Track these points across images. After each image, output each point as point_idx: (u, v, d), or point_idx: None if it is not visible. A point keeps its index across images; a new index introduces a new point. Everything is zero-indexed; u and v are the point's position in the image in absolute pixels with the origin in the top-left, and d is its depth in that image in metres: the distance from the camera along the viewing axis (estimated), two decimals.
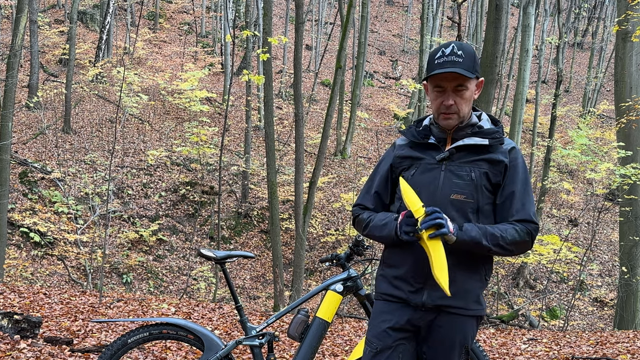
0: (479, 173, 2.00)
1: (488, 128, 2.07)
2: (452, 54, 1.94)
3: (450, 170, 2.02)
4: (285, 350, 4.76)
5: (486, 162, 2.01)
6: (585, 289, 15.39)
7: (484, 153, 2.03)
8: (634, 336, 6.36)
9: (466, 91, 1.97)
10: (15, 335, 4.07)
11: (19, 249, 12.99)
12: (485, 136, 2.03)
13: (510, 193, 2.00)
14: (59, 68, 22.22)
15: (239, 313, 2.86)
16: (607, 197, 14.82)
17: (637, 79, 9.70)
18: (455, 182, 2.00)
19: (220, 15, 26.38)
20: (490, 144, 2.02)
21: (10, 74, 9.66)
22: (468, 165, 2.01)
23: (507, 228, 1.96)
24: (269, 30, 9.27)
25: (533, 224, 1.99)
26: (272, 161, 9.37)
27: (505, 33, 8.11)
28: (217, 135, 18.31)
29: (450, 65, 1.93)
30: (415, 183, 2.03)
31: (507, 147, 2.05)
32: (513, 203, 2.00)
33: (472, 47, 1.99)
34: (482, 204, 2.00)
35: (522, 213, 1.99)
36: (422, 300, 2.01)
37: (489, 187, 2.00)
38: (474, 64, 1.96)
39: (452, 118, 2.01)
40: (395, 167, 2.14)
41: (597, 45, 29.66)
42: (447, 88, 1.97)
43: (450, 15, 32.80)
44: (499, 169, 2.01)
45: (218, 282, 11.85)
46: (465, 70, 1.93)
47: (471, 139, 2.02)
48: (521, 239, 1.96)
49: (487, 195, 2.01)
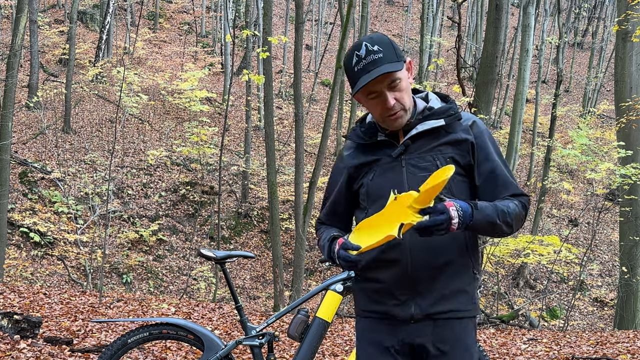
0: (444, 159, 1.76)
1: (439, 107, 1.82)
2: (368, 53, 1.71)
3: (411, 164, 1.78)
4: (285, 350, 4.76)
5: (449, 145, 1.78)
6: (586, 289, 15.39)
7: (443, 135, 1.79)
8: (634, 336, 6.36)
9: (401, 82, 1.74)
10: (15, 335, 4.07)
11: (19, 249, 12.99)
12: (439, 116, 1.79)
13: (490, 171, 1.79)
14: (59, 68, 22.22)
15: (239, 313, 2.85)
16: (607, 197, 14.82)
17: (637, 78, 9.70)
18: (420, 175, 1.74)
19: (220, 15, 26.38)
20: (447, 123, 1.78)
21: (10, 74, 9.66)
22: (429, 153, 1.78)
23: (508, 203, 1.75)
24: (269, 30, 9.26)
25: (525, 196, 1.81)
26: (272, 161, 9.37)
27: (505, 33, 8.11)
28: (217, 135, 18.31)
29: (373, 65, 1.70)
30: (378, 186, 1.81)
31: (467, 122, 1.81)
32: (497, 180, 1.79)
33: (384, 35, 1.77)
34: (456, 191, 1.77)
35: (511, 188, 1.80)
36: (411, 312, 1.76)
37: (460, 172, 1.78)
38: (394, 49, 1.73)
39: (399, 116, 1.76)
40: (354, 178, 1.89)
41: (597, 45, 29.66)
42: (381, 90, 1.73)
43: (450, 15, 32.79)
44: (464, 148, 1.78)
45: (218, 282, 11.85)
46: (392, 64, 1.70)
47: (424, 123, 1.78)
48: (520, 213, 1.77)
49: (460, 180, 1.78)
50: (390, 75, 1.71)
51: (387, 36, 1.77)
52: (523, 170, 21.52)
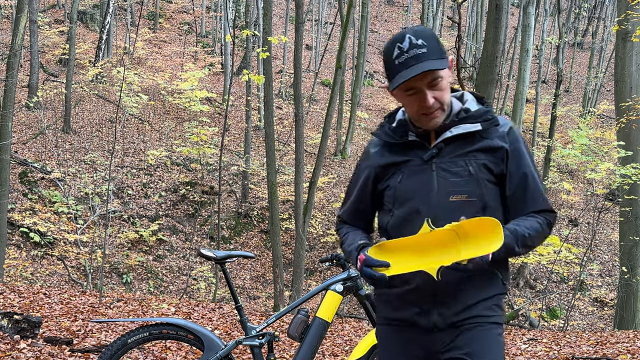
0: (477, 165, 1.67)
1: (476, 110, 1.72)
2: (412, 46, 1.60)
3: (442, 168, 1.69)
4: (285, 350, 4.76)
5: (483, 152, 1.68)
6: (585, 289, 15.39)
7: (478, 140, 1.69)
8: (634, 336, 6.36)
9: (443, 81, 1.64)
10: (15, 335, 4.07)
11: (19, 249, 12.99)
12: (476, 120, 1.69)
13: (520, 182, 1.69)
14: (59, 68, 22.21)
15: (239, 313, 2.85)
16: (607, 197, 14.82)
17: (637, 78, 9.70)
18: (452, 180, 1.67)
19: (220, 15, 26.38)
20: (483, 128, 1.69)
21: (10, 74, 9.66)
22: (462, 158, 1.68)
23: (531, 224, 1.66)
24: (269, 30, 9.26)
25: (553, 213, 1.72)
26: (272, 161, 9.37)
27: (505, 33, 8.11)
28: (217, 135, 18.31)
29: (415, 60, 1.60)
30: (407, 189, 1.72)
31: (504, 128, 1.72)
32: (526, 193, 1.70)
33: (428, 28, 1.71)
34: (489, 200, 1.67)
35: (539, 203, 1.70)
36: (433, 320, 1.68)
37: (492, 179, 1.68)
38: (439, 45, 1.65)
39: (437, 115, 1.67)
40: (380, 178, 1.80)
41: (597, 45, 29.66)
42: (421, 87, 1.63)
43: (450, 15, 32.79)
44: (499, 156, 1.68)
45: (218, 282, 11.85)
46: (436, 61, 1.61)
47: (460, 126, 1.69)
48: (544, 232, 1.69)
49: (493, 189, 1.69)
50: (432, 73, 1.62)
51: (432, 30, 1.70)
52: None
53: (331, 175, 18.08)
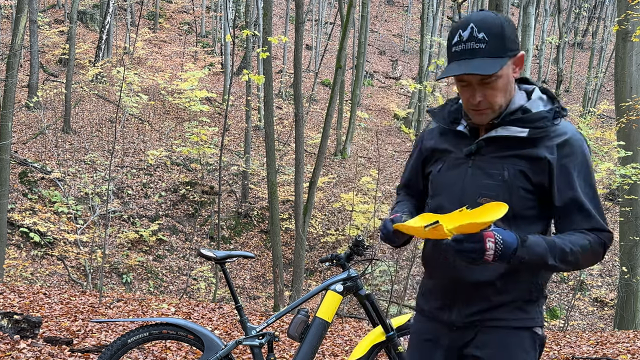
0: (514, 171, 1.57)
1: (535, 113, 1.59)
2: (470, 39, 1.51)
3: (479, 167, 1.62)
4: (285, 350, 4.76)
5: (524, 159, 1.57)
6: (586, 289, 15.39)
7: (522, 147, 1.58)
8: (634, 336, 6.36)
9: (498, 80, 1.54)
10: (15, 335, 4.06)
11: (19, 249, 12.99)
12: (526, 125, 1.57)
13: (572, 197, 1.57)
14: (58, 68, 22.22)
15: (239, 313, 2.85)
16: (607, 197, 14.82)
17: (637, 78, 9.70)
18: (484, 182, 1.60)
19: (220, 15, 26.38)
20: (529, 136, 1.57)
21: (10, 74, 9.66)
22: (501, 161, 1.59)
23: (577, 239, 1.54)
24: (269, 30, 9.26)
25: (607, 233, 1.58)
26: (272, 161, 9.37)
27: None
28: (217, 135, 18.31)
29: (469, 55, 1.52)
30: (441, 182, 1.69)
31: (559, 138, 1.57)
32: (577, 209, 1.57)
33: (498, 19, 1.54)
34: (520, 208, 1.57)
35: (591, 221, 1.57)
36: (451, 318, 1.66)
37: (528, 187, 1.58)
38: (504, 41, 1.52)
39: (484, 114, 1.59)
40: (427, 162, 1.78)
41: (597, 45, 29.66)
42: (471, 82, 1.56)
43: (450, 15, 32.78)
44: (540, 167, 1.57)
45: (218, 282, 11.85)
46: (490, 61, 1.50)
47: (507, 128, 1.59)
48: (593, 251, 1.56)
49: (527, 198, 1.58)
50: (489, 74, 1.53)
51: (504, 18, 1.54)
52: None
53: (331, 175, 18.09)
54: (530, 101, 1.63)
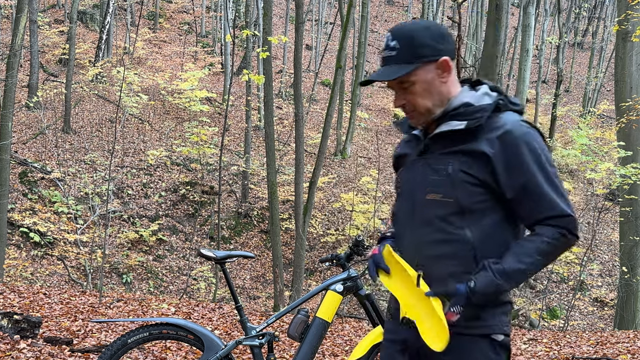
0: (457, 166, 1.59)
1: (475, 106, 1.61)
2: (386, 47, 1.60)
3: (428, 164, 1.65)
4: (285, 350, 4.76)
5: (465, 154, 1.59)
6: (586, 289, 15.39)
7: (464, 142, 1.60)
8: (634, 336, 6.36)
9: (415, 85, 1.60)
10: (15, 335, 4.06)
11: (19, 249, 12.99)
12: (465, 117, 1.59)
13: (521, 187, 1.56)
14: (58, 68, 22.22)
15: (239, 313, 2.85)
16: (607, 197, 14.83)
17: (638, 78, 9.70)
18: (431, 178, 1.63)
19: (220, 15, 26.38)
20: (466, 127, 1.58)
21: (10, 74, 9.66)
22: (446, 156, 1.62)
23: (533, 247, 1.55)
24: (269, 30, 9.26)
25: (566, 217, 1.55)
26: (272, 161, 9.37)
27: (505, 33, 8.11)
28: (217, 135, 18.32)
29: (385, 62, 1.61)
30: (402, 183, 1.75)
31: (499, 130, 1.57)
32: (531, 199, 1.56)
33: (415, 26, 1.60)
34: (467, 202, 1.57)
35: (549, 209, 1.55)
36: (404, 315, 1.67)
37: (473, 181, 1.57)
38: (413, 48, 1.58)
39: (413, 117, 1.66)
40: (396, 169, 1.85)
41: (597, 45, 29.67)
42: (394, 88, 1.65)
43: (450, 15, 32.78)
44: (480, 161, 1.57)
45: (218, 282, 11.85)
46: (397, 67, 1.58)
47: (448, 123, 1.61)
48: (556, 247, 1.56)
49: (474, 192, 1.58)
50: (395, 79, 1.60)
51: (421, 26, 1.61)
52: None
53: (331, 175, 18.08)
54: (475, 97, 1.65)
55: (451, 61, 1.64)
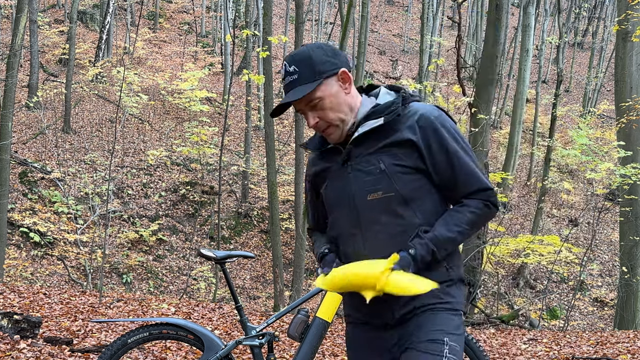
0: (388, 159, 1.66)
1: (384, 103, 1.71)
2: (287, 73, 1.68)
3: (357, 169, 1.70)
4: (285, 350, 4.76)
5: (393, 146, 1.66)
6: (586, 289, 15.39)
7: (387, 135, 1.67)
8: (634, 336, 6.36)
9: (323, 101, 1.67)
10: (15, 335, 4.06)
11: (19, 249, 12.99)
12: (380, 114, 1.67)
13: (445, 168, 1.66)
14: (58, 68, 22.22)
15: (239, 313, 2.85)
16: (607, 197, 14.83)
17: (638, 78, 9.70)
18: (366, 180, 1.67)
19: (220, 15, 26.38)
20: (385, 122, 1.65)
21: (10, 74, 9.66)
22: (374, 155, 1.68)
23: (462, 217, 1.65)
24: (269, 30, 9.26)
25: (488, 190, 1.67)
26: (272, 161, 9.37)
27: (505, 33, 8.11)
28: (217, 135, 18.32)
29: (289, 87, 1.68)
30: (331, 196, 1.77)
31: (414, 116, 1.67)
32: (455, 178, 1.66)
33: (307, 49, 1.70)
34: (407, 191, 1.65)
35: (471, 183, 1.66)
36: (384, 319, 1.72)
37: (407, 170, 1.66)
38: (313, 66, 1.66)
39: (330, 132, 1.72)
40: (317, 186, 1.86)
41: (597, 45, 29.67)
42: (303, 110, 1.70)
43: (450, 15, 32.78)
44: (409, 149, 1.65)
45: (218, 282, 11.86)
46: (302, 87, 1.65)
47: (365, 124, 1.68)
48: (481, 217, 1.67)
49: (410, 179, 1.66)
50: (307, 97, 1.66)
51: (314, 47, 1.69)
52: (523, 170, 21.52)
53: None
54: (379, 98, 1.75)
55: (349, 72, 1.71)
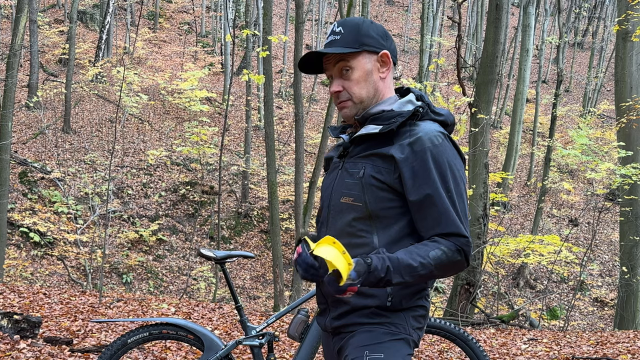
0: (369, 170, 1.59)
1: (392, 111, 1.63)
2: (331, 33, 1.65)
3: (345, 168, 1.67)
4: (285, 350, 4.75)
5: (378, 157, 1.59)
6: (586, 289, 15.39)
7: (379, 145, 1.61)
8: (634, 336, 6.35)
9: (354, 71, 1.62)
10: (15, 335, 4.06)
11: (19, 249, 12.99)
12: (382, 122, 1.60)
13: (424, 197, 1.53)
14: (58, 68, 22.22)
15: (239, 313, 2.85)
16: (607, 197, 14.83)
17: (638, 78, 9.70)
18: (345, 181, 1.64)
19: (220, 15, 26.39)
20: (380, 132, 1.58)
21: (10, 74, 9.66)
22: (362, 160, 1.62)
23: (429, 251, 1.49)
24: (269, 29, 9.26)
25: (462, 238, 1.52)
26: (272, 161, 9.37)
27: (505, 33, 8.11)
28: (217, 135, 18.32)
29: (328, 46, 1.64)
30: (322, 186, 1.77)
31: (411, 137, 1.56)
32: (432, 211, 1.53)
33: (360, 19, 1.65)
34: (376, 207, 1.57)
35: (447, 224, 1.52)
36: (324, 323, 1.69)
37: (381, 185, 1.57)
38: (358, 35, 1.60)
39: (346, 106, 1.65)
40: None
41: (597, 45, 29.67)
42: (331, 73, 1.66)
43: (451, 14, 32.78)
44: (390, 167, 1.56)
45: (218, 282, 11.85)
46: (341, 47, 1.60)
47: (366, 127, 1.63)
48: (450, 261, 1.51)
49: (382, 197, 1.57)
50: (342, 62, 1.62)
51: (367, 22, 1.65)
52: (523, 170, 21.52)
53: None
54: (398, 103, 1.66)
55: (391, 58, 1.65)
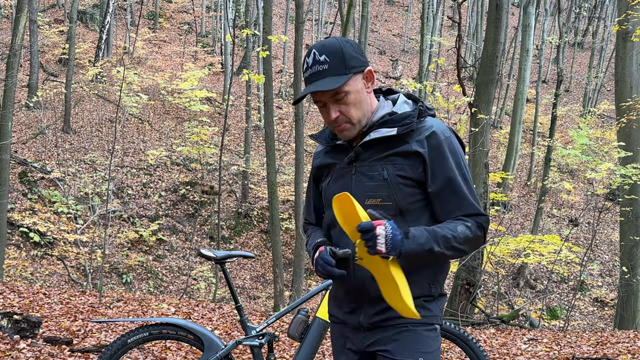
0: (392, 169, 1.68)
1: (400, 113, 1.73)
2: (314, 62, 1.66)
3: (361, 172, 1.73)
4: (285, 350, 4.75)
5: (400, 156, 1.69)
6: (586, 289, 15.39)
7: (395, 145, 1.70)
8: (634, 336, 6.35)
9: (348, 95, 1.67)
10: (15, 335, 4.06)
11: (19, 249, 12.99)
12: (394, 124, 1.70)
13: (445, 184, 1.68)
14: (58, 68, 22.22)
15: (239, 313, 2.85)
16: (607, 197, 14.82)
17: (638, 78, 9.70)
18: (367, 185, 1.71)
19: (220, 15, 26.38)
20: (398, 133, 1.68)
21: (10, 74, 9.65)
22: (379, 162, 1.70)
23: (456, 226, 1.65)
24: (269, 29, 9.26)
25: (483, 216, 1.70)
26: (272, 161, 9.36)
27: (505, 33, 8.11)
28: (217, 135, 18.32)
29: (316, 77, 1.66)
30: (330, 193, 1.78)
31: (426, 132, 1.69)
32: (452, 197, 1.69)
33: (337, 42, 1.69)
34: (405, 203, 1.68)
35: (467, 206, 1.69)
36: (359, 320, 1.75)
37: (410, 183, 1.69)
38: (344, 60, 1.66)
39: (345, 128, 1.71)
40: (317, 180, 1.90)
41: (597, 45, 29.67)
42: (325, 101, 1.69)
43: (451, 14, 32.77)
44: (415, 161, 1.68)
45: (218, 282, 11.85)
46: (333, 79, 1.64)
47: (377, 131, 1.71)
48: (474, 236, 1.66)
49: (410, 192, 1.69)
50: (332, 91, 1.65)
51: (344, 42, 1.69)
52: (523, 170, 21.52)
53: None
54: (396, 106, 1.76)
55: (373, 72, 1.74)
